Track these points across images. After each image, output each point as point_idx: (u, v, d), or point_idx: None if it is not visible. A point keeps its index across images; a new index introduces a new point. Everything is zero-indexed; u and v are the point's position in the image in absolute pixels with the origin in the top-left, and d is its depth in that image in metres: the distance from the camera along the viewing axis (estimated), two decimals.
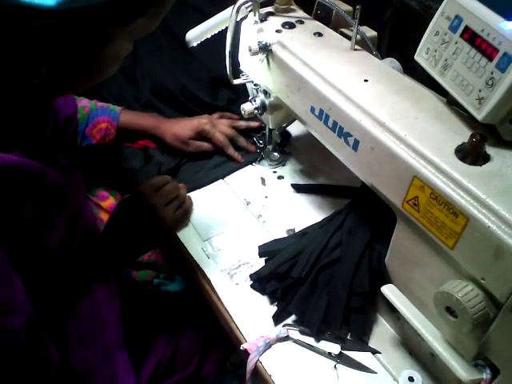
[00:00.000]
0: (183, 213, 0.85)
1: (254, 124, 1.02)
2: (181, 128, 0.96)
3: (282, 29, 0.77)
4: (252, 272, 0.76)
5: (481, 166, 0.51)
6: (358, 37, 0.72)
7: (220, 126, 0.98)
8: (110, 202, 0.97)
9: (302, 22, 0.78)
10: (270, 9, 0.82)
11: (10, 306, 0.48)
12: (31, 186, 0.55)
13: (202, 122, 0.97)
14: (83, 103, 0.94)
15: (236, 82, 0.86)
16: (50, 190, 0.58)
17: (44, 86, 0.53)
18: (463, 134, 0.54)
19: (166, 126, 0.97)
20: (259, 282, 0.75)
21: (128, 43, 0.56)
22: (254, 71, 0.84)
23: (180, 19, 1.03)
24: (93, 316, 0.66)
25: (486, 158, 0.51)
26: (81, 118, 0.93)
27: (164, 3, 0.53)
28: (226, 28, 0.79)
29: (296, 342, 0.70)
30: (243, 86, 0.90)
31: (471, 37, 0.52)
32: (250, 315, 0.73)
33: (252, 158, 0.99)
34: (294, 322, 0.72)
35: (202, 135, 0.96)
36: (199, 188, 0.93)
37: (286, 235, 0.83)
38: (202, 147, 0.97)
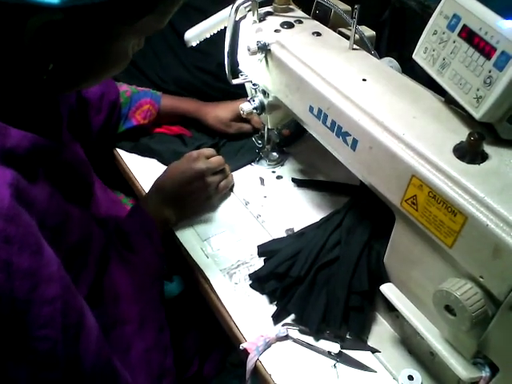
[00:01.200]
0: (227, 184, 0.91)
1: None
2: (222, 110, 1.01)
3: (280, 28, 0.77)
4: (251, 272, 0.76)
5: (479, 164, 0.51)
6: (357, 36, 0.72)
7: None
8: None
9: (300, 22, 0.78)
10: (268, 8, 0.82)
11: (44, 275, 0.48)
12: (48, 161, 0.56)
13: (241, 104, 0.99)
14: (124, 88, 0.99)
15: (235, 81, 0.86)
16: (64, 166, 0.60)
17: (51, 82, 0.53)
18: (461, 133, 0.54)
19: (207, 109, 1.02)
20: (258, 281, 0.75)
21: (137, 40, 0.56)
22: (252, 71, 0.84)
23: (186, 22, 1.03)
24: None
25: (484, 157, 0.51)
26: (123, 102, 0.97)
27: (173, 1, 0.53)
28: (225, 27, 0.79)
29: (295, 341, 0.70)
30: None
31: (469, 35, 0.52)
32: (250, 315, 0.73)
33: (251, 157, 0.99)
34: (294, 321, 0.72)
35: (241, 117, 0.97)
36: (239, 169, 0.98)
37: (285, 235, 0.83)
38: (242, 128, 1.02)
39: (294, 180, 0.94)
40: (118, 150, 1.01)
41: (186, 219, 0.86)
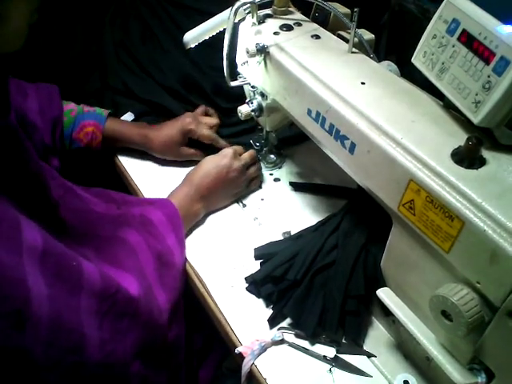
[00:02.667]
0: (257, 181, 0.93)
1: (222, 143, 0.99)
2: (167, 134, 0.94)
3: (279, 31, 0.76)
4: (247, 275, 0.76)
5: (477, 169, 0.50)
6: (356, 39, 0.72)
7: (203, 119, 0.98)
8: None
9: (299, 25, 0.78)
10: (268, 11, 0.82)
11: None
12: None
13: (185, 122, 0.94)
14: (70, 107, 0.93)
15: (233, 84, 0.86)
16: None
17: None
18: (459, 138, 0.53)
19: (152, 136, 0.94)
20: (255, 284, 0.75)
21: (28, 13, 0.53)
22: (251, 73, 0.84)
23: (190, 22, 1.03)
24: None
25: (482, 162, 0.51)
26: (67, 122, 0.91)
27: None
28: (225, 29, 0.79)
29: (291, 345, 0.69)
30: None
31: (468, 40, 0.52)
32: (245, 318, 0.72)
33: None
34: (290, 325, 0.71)
35: (189, 136, 0.94)
36: None
37: (281, 238, 0.83)
38: (193, 157, 0.96)
39: (291, 184, 0.94)
40: (119, 157, 1.00)
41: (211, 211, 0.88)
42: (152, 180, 0.94)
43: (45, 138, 0.83)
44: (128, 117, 1.03)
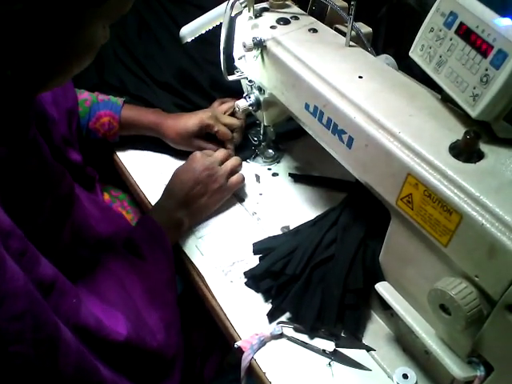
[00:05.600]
0: (238, 179, 0.89)
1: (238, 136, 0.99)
2: (184, 125, 0.93)
3: (276, 25, 0.76)
4: (246, 269, 0.76)
5: (475, 163, 0.50)
6: (353, 33, 0.71)
7: (222, 118, 0.96)
8: (104, 197, 0.97)
9: (296, 18, 0.78)
10: (264, 4, 0.81)
11: (8, 290, 0.46)
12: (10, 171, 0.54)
13: (205, 116, 0.94)
14: (84, 96, 0.93)
15: (230, 78, 0.85)
16: (29, 175, 0.57)
17: (17, 79, 0.51)
18: (457, 132, 0.53)
19: (168, 122, 0.94)
20: (253, 279, 0.75)
21: (103, 29, 0.54)
22: (248, 67, 0.83)
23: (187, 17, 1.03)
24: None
25: (480, 156, 0.51)
26: (82, 112, 0.92)
27: None
28: (221, 24, 0.79)
29: (290, 339, 0.69)
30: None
31: (466, 33, 0.52)
32: (245, 313, 0.72)
33: (246, 154, 0.98)
34: (289, 319, 0.71)
35: (206, 131, 0.94)
36: None
37: (280, 232, 0.83)
38: (204, 149, 0.94)
39: (290, 175, 0.94)
40: (117, 153, 1.00)
41: (200, 220, 0.86)
42: (151, 176, 0.94)
43: (61, 130, 0.83)
44: None
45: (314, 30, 0.75)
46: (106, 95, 0.96)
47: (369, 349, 0.68)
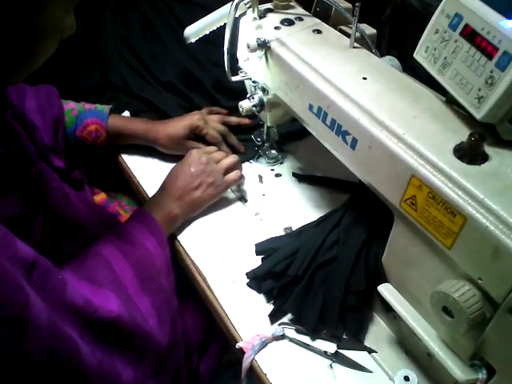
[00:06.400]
0: (235, 177, 0.89)
1: (246, 121, 1.01)
2: (174, 128, 0.94)
3: (280, 26, 0.76)
4: (249, 270, 0.76)
5: (479, 165, 0.50)
6: (357, 34, 0.71)
7: (211, 123, 0.97)
8: (101, 196, 0.97)
9: (301, 19, 0.78)
10: (269, 5, 0.81)
11: None
12: None
13: (194, 118, 0.95)
14: (70, 106, 0.93)
15: (234, 79, 0.85)
16: None
17: None
18: (462, 133, 0.53)
19: (158, 128, 0.94)
20: (256, 280, 0.75)
21: (66, 13, 0.54)
22: (252, 68, 0.83)
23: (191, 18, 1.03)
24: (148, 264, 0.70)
25: (484, 158, 0.51)
26: (69, 121, 0.91)
27: None
28: (225, 24, 0.79)
29: (292, 340, 0.69)
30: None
31: (471, 35, 0.52)
32: (246, 313, 0.72)
33: (250, 155, 0.98)
34: (290, 320, 0.71)
35: (195, 132, 0.95)
36: None
37: (283, 233, 0.83)
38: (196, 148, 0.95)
39: (294, 175, 0.94)
40: (122, 155, 1.00)
41: (194, 215, 0.86)
42: (155, 177, 0.94)
43: (45, 138, 0.83)
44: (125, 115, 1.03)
45: (319, 31, 0.75)
46: (93, 104, 0.96)
47: (370, 351, 0.68)
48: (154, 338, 0.64)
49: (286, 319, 0.72)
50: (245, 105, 0.88)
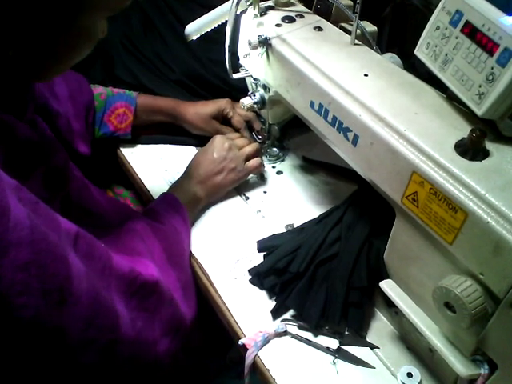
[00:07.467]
0: (255, 164, 0.90)
1: (261, 133, 1.01)
2: (203, 106, 0.98)
3: (281, 23, 0.76)
4: (251, 267, 0.76)
5: (480, 161, 0.50)
6: (358, 31, 0.71)
7: (238, 109, 0.99)
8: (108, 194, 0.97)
9: (301, 16, 0.78)
10: (269, 2, 0.81)
11: (12, 239, 0.44)
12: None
13: (223, 101, 0.98)
14: (99, 90, 0.95)
15: (235, 76, 0.86)
16: (20, 143, 0.57)
17: (19, 60, 0.52)
18: (463, 130, 0.53)
19: (186, 105, 0.98)
20: (258, 276, 0.75)
21: (101, 20, 0.55)
22: (253, 65, 0.83)
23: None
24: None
25: (485, 154, 0.51)
26: (98, 106, 0.94)
27: None
28: (226, 21, 0.79)
29: (294, 336, 0.70)
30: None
31: (472, 32, 0.52)
32: (249, 310, 0.73)
33: None
34: (293, 316, 0.72)
35: (222, 114, 0.97)
36: None
37: (284, 230, 0.83)
38: (221, 131, 0.97)
39: (304, 159, 0.96)
40: (121, 149, 1.00)
41: (216, 199, 0.88)
42: (156, 174, 0.95)
43: (73, 124, 0.84)
44: None
45: (319, 28, 0.75)
46: (121, 89, 0.99)
47: (373, 346, 0.68)
48: (179, 311, 0.65)
49: (288, 315, 0.72)
50: (246, 102, 0.88)
